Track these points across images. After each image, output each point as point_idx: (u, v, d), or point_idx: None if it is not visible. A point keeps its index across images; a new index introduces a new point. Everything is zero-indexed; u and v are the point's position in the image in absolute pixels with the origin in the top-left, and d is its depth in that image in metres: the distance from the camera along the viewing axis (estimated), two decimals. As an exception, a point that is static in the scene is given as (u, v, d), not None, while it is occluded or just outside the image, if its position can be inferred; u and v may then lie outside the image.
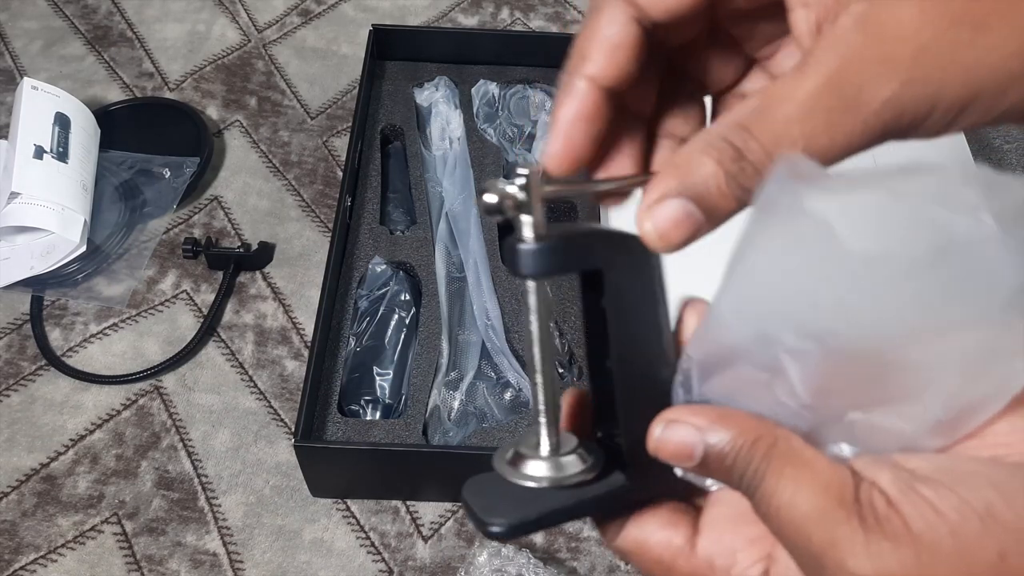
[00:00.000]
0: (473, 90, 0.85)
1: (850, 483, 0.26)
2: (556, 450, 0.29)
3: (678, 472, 0.30)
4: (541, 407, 0.29)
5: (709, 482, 0.30)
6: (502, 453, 0.29)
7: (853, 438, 0.27)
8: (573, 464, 0.29)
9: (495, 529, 0.28)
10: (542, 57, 0.86)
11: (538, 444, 0.29)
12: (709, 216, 0.26)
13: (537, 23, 0.97)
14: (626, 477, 0.29)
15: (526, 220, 0.27)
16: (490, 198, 0.26)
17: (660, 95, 0.33)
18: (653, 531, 0.30)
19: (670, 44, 0.31)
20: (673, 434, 0.28)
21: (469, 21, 0.97)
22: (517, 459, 0.29)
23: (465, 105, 0.84)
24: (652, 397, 0.29)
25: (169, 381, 0.73)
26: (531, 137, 0.83)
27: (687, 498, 0.31)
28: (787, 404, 0.27)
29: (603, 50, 0.28)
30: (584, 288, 0.30)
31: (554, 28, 0.97)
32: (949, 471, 0.25)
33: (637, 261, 0.29)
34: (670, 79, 0.33)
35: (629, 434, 0.29)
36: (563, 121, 0.29)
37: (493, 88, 0.85)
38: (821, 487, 0.26)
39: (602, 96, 0.29)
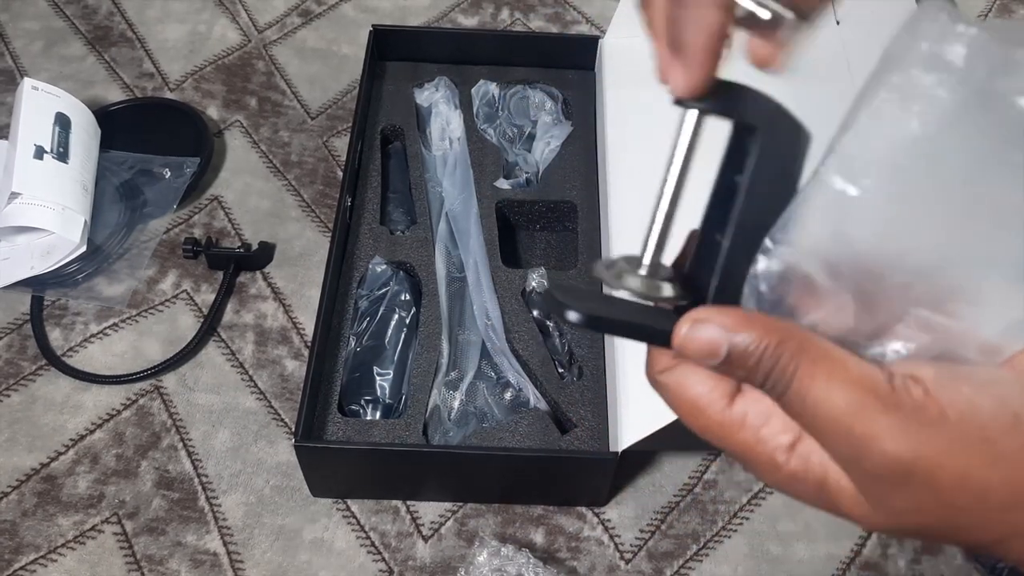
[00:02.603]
0: (473, 90, 0.85)
1: (881, 376, 0.27)
2: (653, 273, 0.31)
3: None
4: (656, 230, 0.31)
5: None
6: (606, 262, 0.32)
7: (906, 350, 0.28)
8: (664, 289, 0.31)
9: (571, 315, 0.29)
10: (542, 57, 0.86)
11: (639, 263, 0.31)
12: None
13: (537, 23, 0.97)
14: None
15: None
16: None
17: None
18: (697, 379, 0.30)
19: None
20: (700, 332, 0.28)
21: (469, 21, 0.97)
22: (618, 272, 0.31)
23: (465, 105, 0.84)
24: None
25: (169, 381, 0.73)
26: (531, 137, 0.83)
27: None
28: (858, 296, 0.28)
29: None
30: (729, 152, 0.31)
31: (554, 28, 0.97)
32: (991, 377, 0.27)
33: (791, 137, 0.30)
34: None
35: (720, 293, 0.30)
36: (696, 49, 0.29)
37: (493, 88, 0.85)
38: (854, 381, 0.27)
39: (728, 14, 0.29)
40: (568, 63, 0.86)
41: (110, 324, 0.75)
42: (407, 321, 0.71)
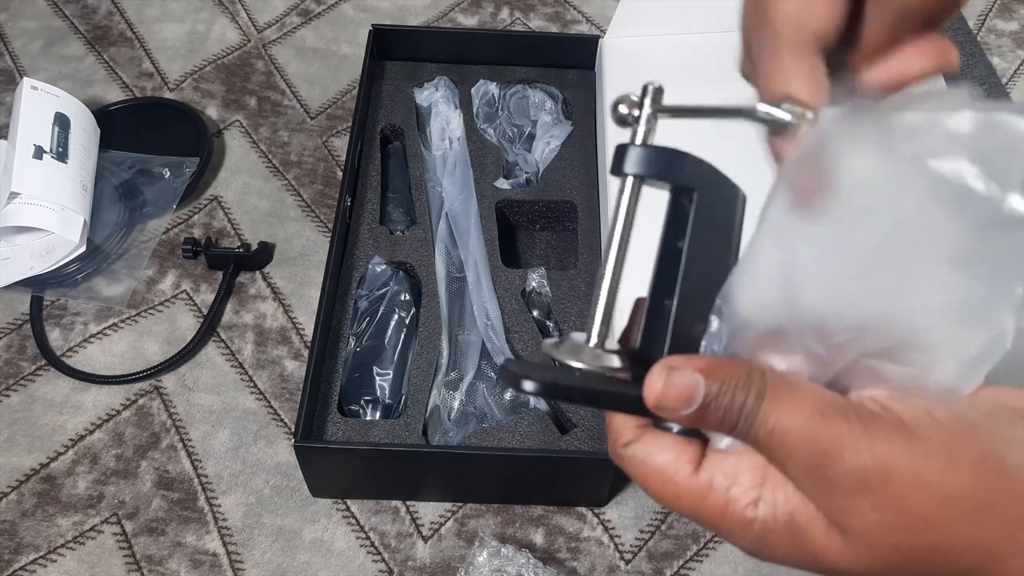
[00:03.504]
0: (473, 90, 0.85)
1: (839, 397, 0.28)
2: (601, 344, 0.31)
3: (672, 428, 0.31)
4: (601, 302, 0.31)
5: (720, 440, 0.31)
6: (554, 339, 0.33)
7: (864, 384, 0.29)
8: (611, 360, 0.31)
9: (527, 385, 0.30)
10: (542, 57, 0.86)
11: (588, 336, 0.32)
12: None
13: (537, 23, 0.97)
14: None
15: (640, 128, 0.31)
16: (622, 108, 0.31)
17: None
18: (662, 448, 0.31)
19: None
20: (676, 378, 0.29)
21: (469, 21, 0.97)
22: (566, 345, 0.32)
23: (465, 105, 0.84)
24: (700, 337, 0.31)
25: (169, 381, 0.73)
26: (531, 137, 0.83)
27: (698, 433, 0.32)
28: (808, 354, 0.29)
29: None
30: (668, 218, 0.32)
31: (554, 28, 0.97)
32: (944, 400, 0.27)
33: (727, 195, 0.31)
34: None
35: (676, 339, 0.31)
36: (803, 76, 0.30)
37: (493, 88, 0.85)
38: (814, 403, 0.28)
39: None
40: (568, 63, 0.86)
41: (110, 324, 0.75)
42: (407, 321, 0.71)
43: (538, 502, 0.67)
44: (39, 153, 0.76)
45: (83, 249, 0.76)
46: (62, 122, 0.79)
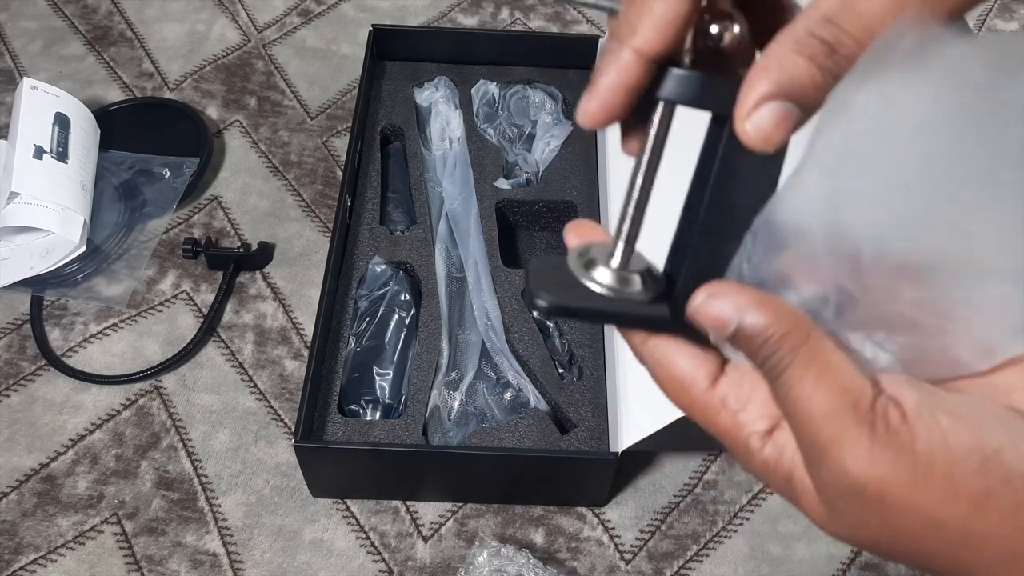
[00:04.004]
0: (473, 90, 0.85)
1: (868, 393, 0.27)
2: (624, 265, 0.31)
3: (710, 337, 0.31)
4: (626, 222, 0.31)
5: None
6: (579, 249, 0.32)
7: (893, 343, 0.29)
8: (633, 283, 0.31)
9: (539, 302, 0.30)
10: (542, 57, 0.86)
11: (611, 254, 0.31)
12: (806, 112, 0.27)
13: (537, 23, 0.97)
14: (670, 312, 0.31)
15: (687, 51, 0.29)
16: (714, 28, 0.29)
17: None
18: (680, 357, 0.31)
19: None
20: (712, 305, 0.29)
21: (469, 21, 0.97)
22: (589, 261, 0.31)
23: (465, 105, 0.84)
24: (727, 258, 0.30)
25: (169, 381, 0.73)
26: (531, 137, 0.83)
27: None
28: (839, 291, 0.28)
29: (653, 26, 0.28)
30: (705, 146, 0.31)
31: (554, 28, 0.97)
32: (973, 409, 0.27)
33: None
34: None
35: (688, 282, 0.30)
36: (604, 88, 0.29)
37: (493, 88, 0.85)
38: (839, 390, 0.27)
39: (647, 67, 0.29)
40: (568, 63, 0.86)
41: (110, 324, 0.75)
42: (407, 321, 0.71)
43: (538, 502, 0.67)
44: (39, 153, 0.76)
45: (83, 249, 0.76)
46: (62, 122, 0.79)
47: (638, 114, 0.30)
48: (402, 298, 0.72)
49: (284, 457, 0.69)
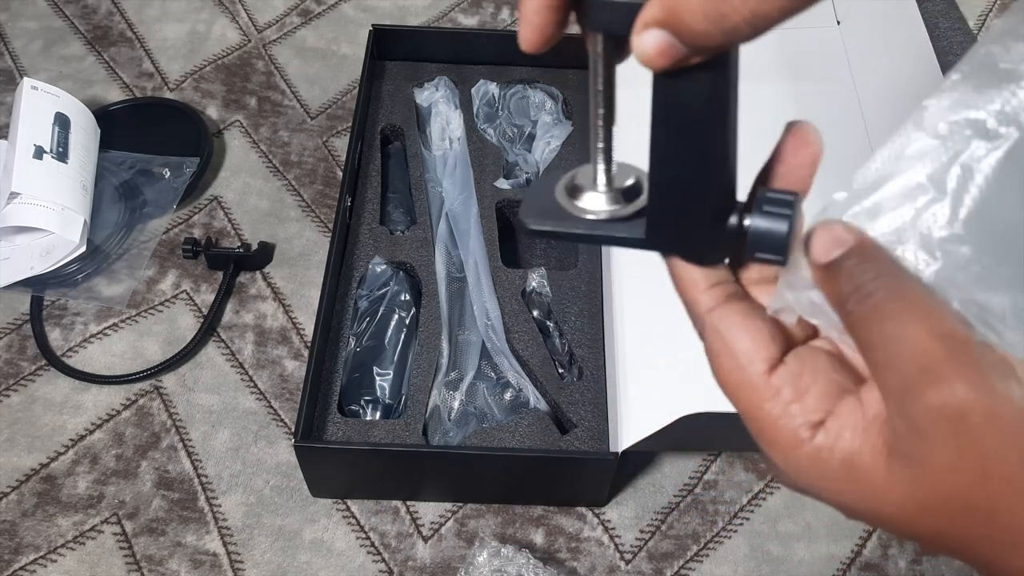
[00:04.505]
0: (473, 90, 0.85)
1: (970, 335, 0.26)
2: (608, 184, 0.32)
3: (771, 308, 0.31)
4: (598, 145, 0.31)
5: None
6: (569, 175, 0.33)
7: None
8: (613, 203, 0.32)
9: (525, 226, 0.32)
10: (542, 57, 0.86)
11: (594, 178, 0.32)
12: (692, 49, 0.27)
13: (537, 23, 0.97)
14: (646, 231, 0.32)
15: None
16: None
17: None
18: (746, 333, 0.30)
19: None
20: (836, 227, 0.28)
21: (469, 21, 0.97)
22: (575, 186, 0.33)
23: (465, 105, 0.84)
24: (697, 171, 0.30)
25: (169, 381, 0.73)
26: (531, 137, 0.83)
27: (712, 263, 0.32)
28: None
29: None
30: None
31: (554, 28, 0.96)
32: None
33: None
34: None
35: (657, 202, 0.31)
36: (529, 11, 0.29)
37: (493, 88, 0.85)
38: (947, 324, 0.26)
39: None
40: (568, 63, 0.86)
41: (110, 324, 0.75)
42: (407, 321, 0.71)
43: (538, 502, 0.67)
44: (39, 153, 0.76)
45: (83, 249, 0.76)
46: (62, 122, 0.79)
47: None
48: (402, 298, 0.72)
49: (284, 457, 0.69)
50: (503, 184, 0.78)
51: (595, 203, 0.32)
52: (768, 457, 0.30)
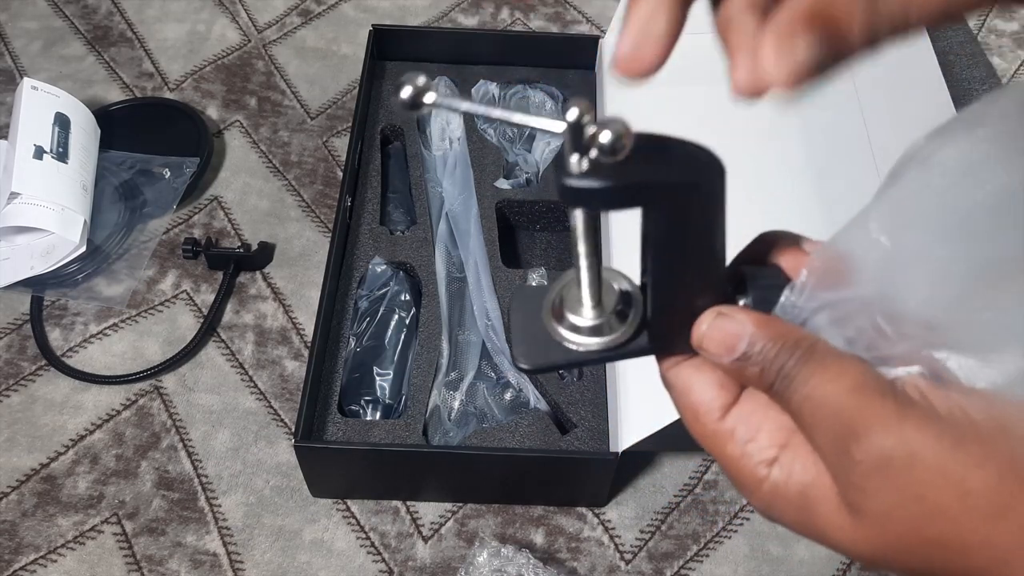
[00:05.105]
0: (473, 90, 0.85)
1: (882, 378, 0.28)
2: (597, 304, 0.31)
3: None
4: (584, 276, 0.30)
5: None
6: (552, 300, 0.32)
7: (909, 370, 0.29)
8: (606, 328, 0.31)
9: (522, 366, 0.31)
10: (542, 57, 0.86)
11: (580, 302, 0.31)
12: (838, 52, 0.26)
13: (537, 23, 0.97)
14: (649, 342, 0.32)
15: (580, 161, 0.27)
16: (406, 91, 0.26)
17: None
18: (702, 385, 0.31)
19: None
20: (721, 327, 0.29)
21: (469, 21, 0.97)
22: (560, 314, 0.32)
23: (465, 105, 0.84)
24: (694, 278, 0.30)
25: (169, 381, 0.73)
26: (531, 137, 0.83)
27: None
28: (875, 328, 0.28)
29: None
30: (643, 217, 0.30)
31: (554, 28, 0.97)
32: (983, 396, 0.27)
33: (703, 190, 0.28)
34: None
35: (658, 318, 0.31)
36: (638, 25, 0.27)
37: (493, 88, 0.85)
38: (853, 376, 0.27)
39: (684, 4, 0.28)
40: (568, 63, 0.86)
41: (110, 324, 0.75)
42: (407, 321, 0.71)
43: (538, 502, 0.67)
44: (39, 153, 0.76)
45: (83, 249, 0.76)
46: (62, 122, 0.79)
47: None
48: (402, 298, 0.72)
49: (284, 457, 0.69)
50: (503, 184, 0.78)
51: (589, 331, 0.31)
52: (744, 496, 0.31)
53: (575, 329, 0.31)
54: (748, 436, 0.30)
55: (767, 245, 0.33)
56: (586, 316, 0.31)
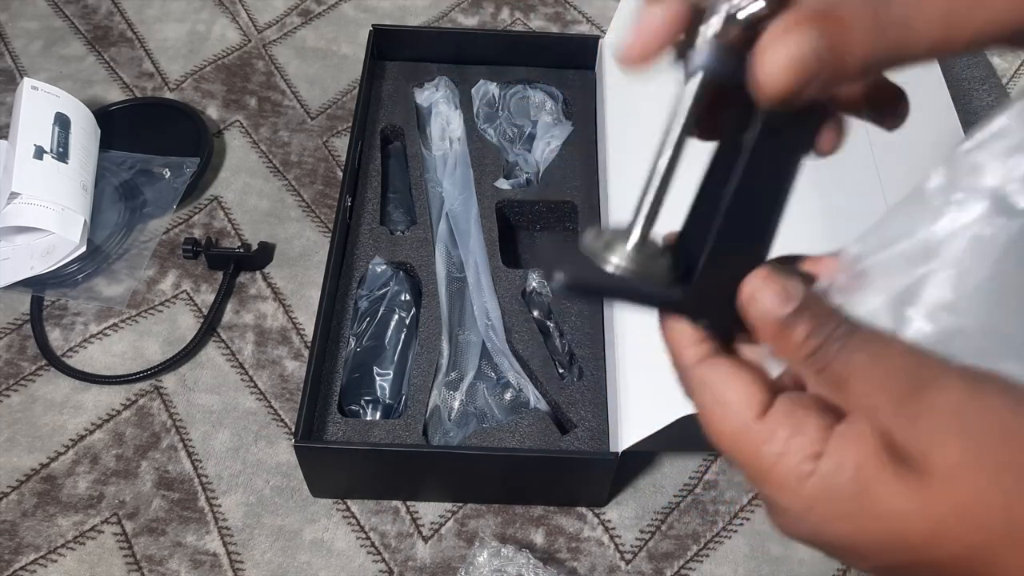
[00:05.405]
0: (473, 90, 0.85)
1: (932, 373, 0.27)
2: (641, 244, 0.30)
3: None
4: (647, 200, 0.30)
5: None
6: (594, 232, 0.31)
7: None
8: (650, 264, 0.30)
9: (558, 277, 0.29)
10: (542, 57, 0.86)
11: (628, 234, 0.30)
12: (838, 72, 0.27)
13: (537, 23, 0.97)
14: (682, 293, 0.31)
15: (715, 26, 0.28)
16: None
17: None
18: (739, 382, 0.30)
19: None
20: (777, 278, 0.29)
21: (469, 21, 0.97)
22: (606, 242, 0.31)
23: (465, 105, 0.84)
24: (746, 248, 0.30)
25: (169, 381, 0.73)
26: (531, 137, 0.83)
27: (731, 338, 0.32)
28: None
29: None
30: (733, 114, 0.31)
31: (554, 28, 0.97)
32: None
33: (797, 129, 0.30)
34: None
35: (710, 272, 0.30)
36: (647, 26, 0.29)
37: (493, 88, 0.85)
38: (906, 345, 0.27)
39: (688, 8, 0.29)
40: (568, 63, 0.86)
41: (110, 324, 0.75)
42: (407, 321, 0.71)
43: (538, 502, 0.67)
44: (39, 153, 0.76)
45: (83, 249, 0.76)
46: (62, 122, 0.79)
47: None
48: (402, 298, 0.72)
49: (284, 457, 0.69)
50: (503, 184, 0.78)
51: (632, 261, 0.30)
52: (773, 504, 0.29)
53: (618, 257, 0.30)
54: (791, 433, 0.28)
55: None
56: (630, 247, 0.30)
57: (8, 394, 0.71)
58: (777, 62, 0.26)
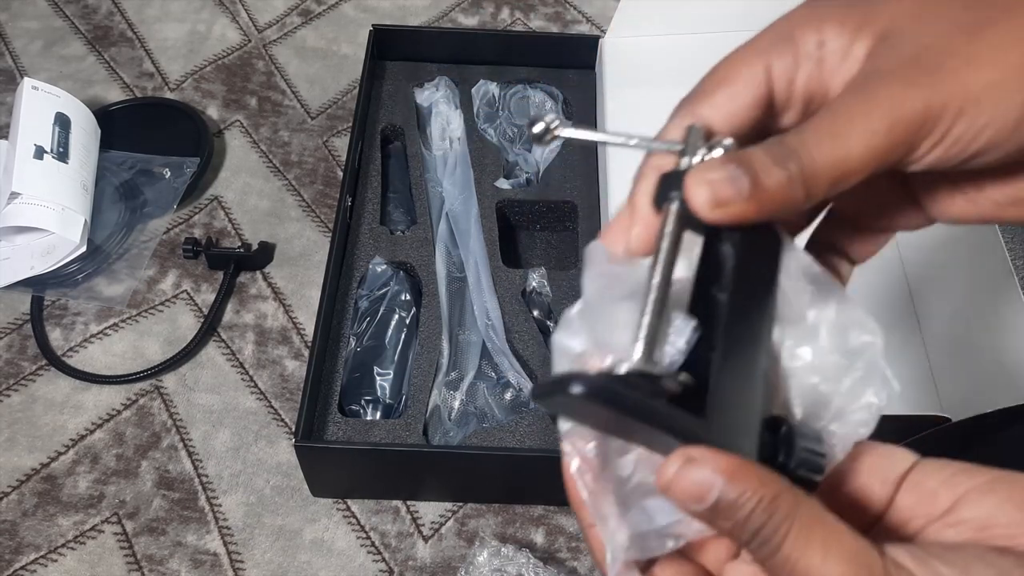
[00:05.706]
0: (473, 90, 0.85)
1: (878, 558, 0.26)
2: (649, 357, 0.28)
3: (668, 545, 0.29)
4: (647, 318, 0.28)
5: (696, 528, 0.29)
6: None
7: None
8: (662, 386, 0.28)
9: (576, 388, 0.26)
10: (542, 57, 0.86)
11: (634, 349, 0.28)
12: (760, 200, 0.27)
13: (537, 23, 0.97)
14: (704, 424, 0.27)
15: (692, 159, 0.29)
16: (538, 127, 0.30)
17: None
18: None
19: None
20: (691, 473, 0.26)
21: (469, 21, 0.97)
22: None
23: (465, 105, 0.84)
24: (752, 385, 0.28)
25: (169, 381, 0.73)
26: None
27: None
28: None
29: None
30: (703, 257, 0.30)
31: (554, 28, 0.97)
32: (961, 554, 0.26)
33: (768, 241, 0.30)
34: None
35: (717, 408, 0.27)
36: (643, 207, 0.30)
37: (493, 88, 0.85)
38: (850, 556, 0.25)
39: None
40: (568, 63, 0.86)
41: (110, 324, 0.75)
42: (407, 321, 0.71)
43: (538, 502, 0.67)
44: (40, 153, 0.76)
45: (83, 249, 0.76)
46: (63, 122, 0.79)
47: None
48: (402, 298, 0.72)
49: (284, 457, 0.69)
50: (503, 184, 0.78)
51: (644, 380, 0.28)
52: None
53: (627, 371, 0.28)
54: None
55: None
56: (636, 355, 0.27)
57: (8, 394, 0.71)
58: (701, 194, 0.27)
